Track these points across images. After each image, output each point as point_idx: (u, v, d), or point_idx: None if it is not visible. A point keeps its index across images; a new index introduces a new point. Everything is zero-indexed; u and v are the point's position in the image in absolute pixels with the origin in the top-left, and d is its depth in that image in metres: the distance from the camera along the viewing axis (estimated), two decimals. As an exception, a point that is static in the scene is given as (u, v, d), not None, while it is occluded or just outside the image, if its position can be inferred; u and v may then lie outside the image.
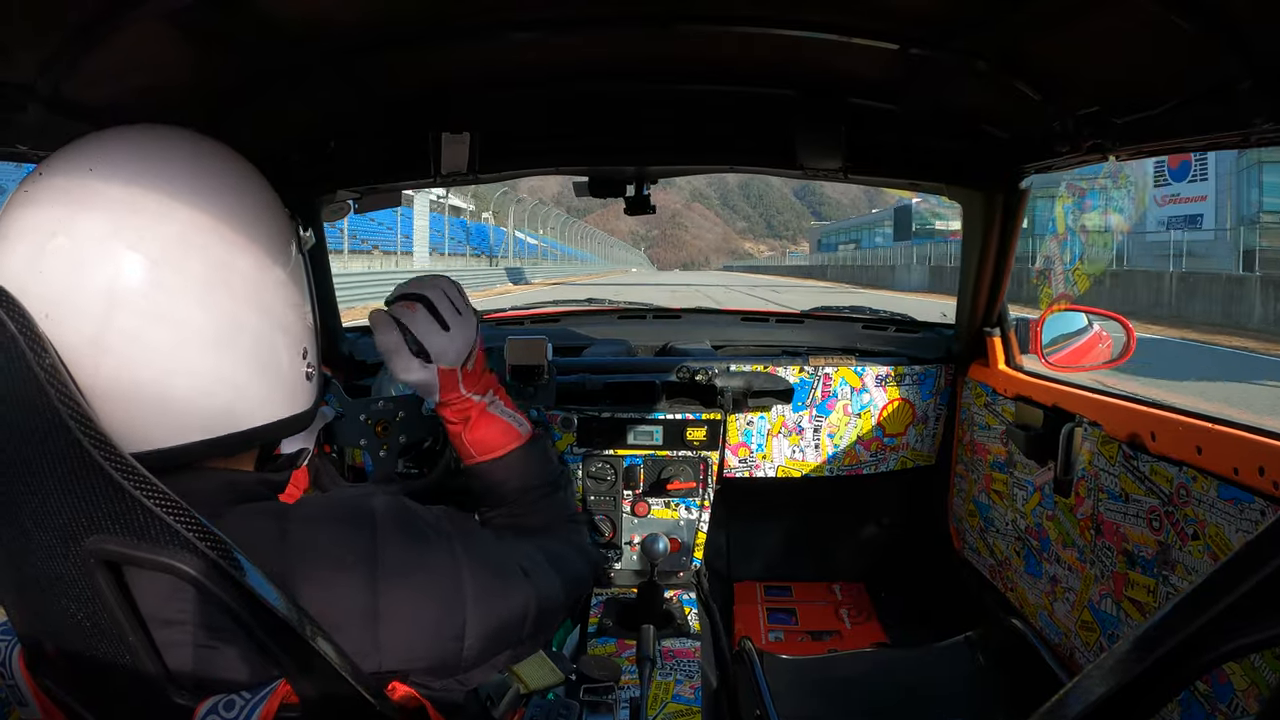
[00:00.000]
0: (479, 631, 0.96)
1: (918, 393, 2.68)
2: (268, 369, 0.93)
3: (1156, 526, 1.66)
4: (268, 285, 0.93)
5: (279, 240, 0.97)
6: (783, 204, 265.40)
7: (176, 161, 0.88)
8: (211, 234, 0.87)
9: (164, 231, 0.83)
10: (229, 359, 0.88)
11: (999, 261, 2.36)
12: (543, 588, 1.10)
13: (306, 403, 1.01)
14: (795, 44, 1.61)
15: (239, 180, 0.94)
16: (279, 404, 0.95)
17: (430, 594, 0.92)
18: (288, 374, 0.96)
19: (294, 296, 0.99)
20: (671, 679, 2.02)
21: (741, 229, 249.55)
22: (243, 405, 0.91)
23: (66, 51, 1.15)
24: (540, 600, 1.08)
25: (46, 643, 0.88)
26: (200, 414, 0.87)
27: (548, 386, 2.38)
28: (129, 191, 0.83)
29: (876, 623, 2.87)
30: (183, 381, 0.85)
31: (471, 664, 0.97)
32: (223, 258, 0.88)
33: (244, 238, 0.91)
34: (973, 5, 1.37)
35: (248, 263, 0.91)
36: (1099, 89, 1.56)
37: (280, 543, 0.86)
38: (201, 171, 0.90)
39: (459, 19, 1.52)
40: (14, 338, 0.75)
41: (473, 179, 2.06)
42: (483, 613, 0.96)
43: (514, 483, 1.34)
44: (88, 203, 0.82)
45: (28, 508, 0.80)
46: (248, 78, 1.51)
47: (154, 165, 0.86)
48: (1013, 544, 2.31)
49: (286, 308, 0.97)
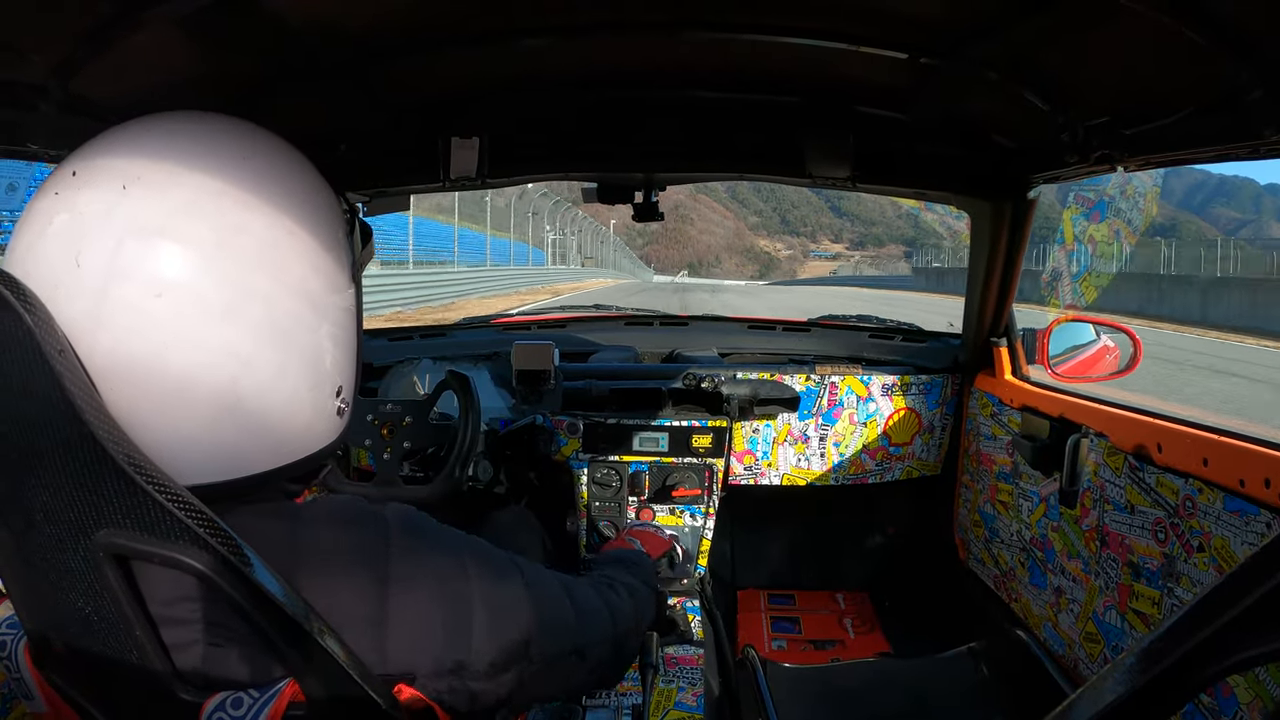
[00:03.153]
0: (486, 645, 0.94)
1: (924, 402, 2.68)
2: (294, 405, 0.91)
3: (1162, 538, 1.65)
4: (322, 316, 0.93)
5: (340, 266, 0.96)
6: (797, 197, 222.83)
7: (248, 160, 0.88)
8: (273, 249, 0.87)
9: (215, 236, 0.82)
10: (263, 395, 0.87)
11: (1006, 272, 2.36)
12: (553, 613, 1.08)
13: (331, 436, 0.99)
14: (804, 52, 1.61)
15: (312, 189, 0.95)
16: (304, 442, 0.94)
17: (437, 604, 0.91)
18: (320, 409, 0.95)
19: (346, 330, 0.98)
20: (674, 686, 2.02)
21: (754, 224, 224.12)
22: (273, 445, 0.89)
23: (78, 52, 1.15)
24: (551, 625, 1.06)
25: (53, 636, 0.88)
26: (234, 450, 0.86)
27: (554, 392, 2.38)
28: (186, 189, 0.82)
29: (880, 632, 2.86)
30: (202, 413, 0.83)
31: (480, 676, 0.95)
32: (282, 278, 0.87)
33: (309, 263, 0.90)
34: (982, 15, 1.37)
35: (315, 285, 0.91)
36: (1108, 99, 1.55)
37: (289, 543, 0.86)
38: (281, 179, 0.90)
39: (472, 24, 1.52)
40: (30, 331, 0.75)
41: (481, 184, 2.07)
42: (490, 627, 0.95)
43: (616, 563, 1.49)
44: (130, 196, 0.80)
45: (38, 500, 0.80)
46: (261, 80, 1.51)
47: (214, 162, 0.85)
48: (1018, 555, 2.30)
49: (335, 345, 0.96)
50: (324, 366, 0.93)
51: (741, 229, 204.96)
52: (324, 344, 0.93)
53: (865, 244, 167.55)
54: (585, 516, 2.56)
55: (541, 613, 1.04)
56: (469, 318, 3.41)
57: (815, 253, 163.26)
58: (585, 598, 1.17)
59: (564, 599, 1.11)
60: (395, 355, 2.65)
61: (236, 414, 0.84)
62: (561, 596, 1.11)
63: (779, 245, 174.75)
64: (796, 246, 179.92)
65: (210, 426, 0.83)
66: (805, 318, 3.19)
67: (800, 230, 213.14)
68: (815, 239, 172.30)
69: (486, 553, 1.03)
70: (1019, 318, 2.52)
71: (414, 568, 0.90)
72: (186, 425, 0.82)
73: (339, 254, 0.96)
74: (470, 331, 3.06)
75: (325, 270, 0.93)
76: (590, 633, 1.14)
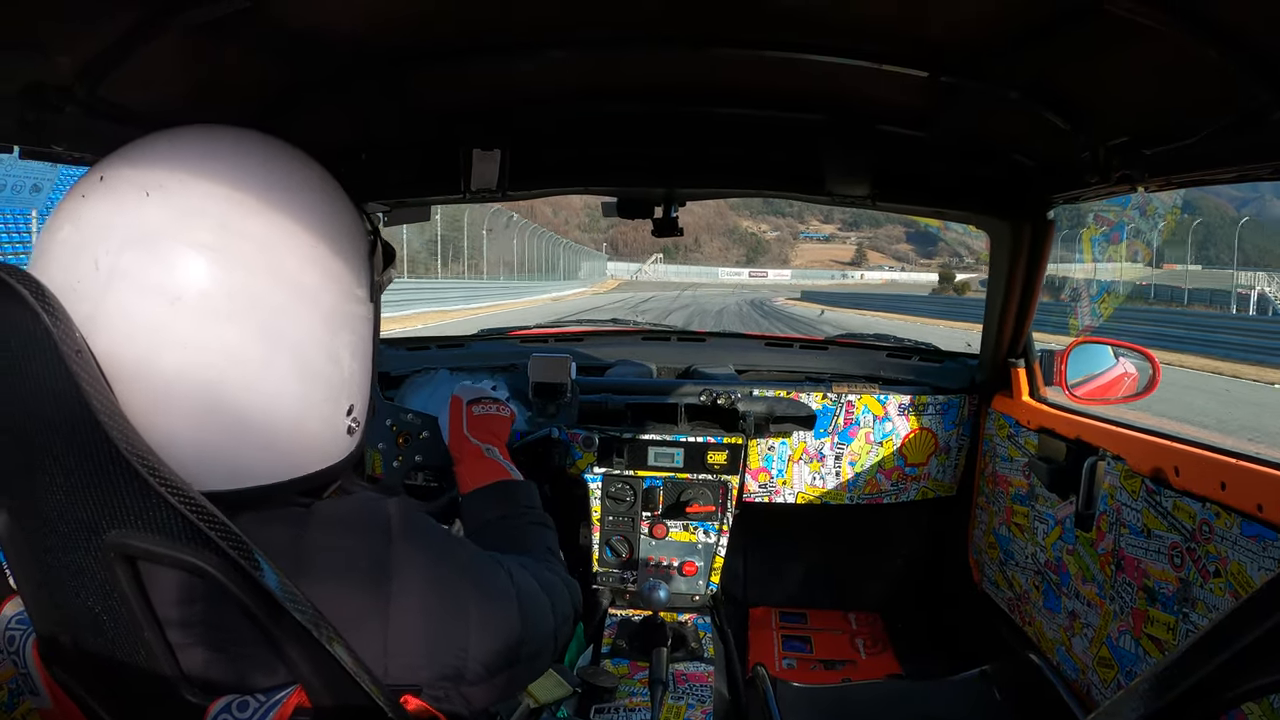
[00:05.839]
0: (483, 645, 0.96)
1: (940, 422, 2.67)
2: (301, 421, 0.92)
3: (1178, 563, 1.64)
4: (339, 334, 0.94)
5: (357, 286, 0.98)
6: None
7: (279, 181, 0.90)
8: (291, 258, 0.88)
9: (232, 248, 0.83)
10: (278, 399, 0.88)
11: (1025, 292, 2.35)
12: (535, 610, 1.09)
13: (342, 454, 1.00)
14: (826, 70, 1.61)
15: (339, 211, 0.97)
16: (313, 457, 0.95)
17: (438, 604, 0.92)
18: (329, 426, 0.96)
19: (360, 349, 1.00)
20: (683, 703, 2.01)
21: (734, 204, 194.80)
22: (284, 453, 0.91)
23: (105, 56, 1.17)
24: (533, 622, 1.07)
25: (61, 634, 0.88)
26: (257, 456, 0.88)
27: (570, 405, 2.39)
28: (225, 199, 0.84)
29: (892, 654, 2.84)
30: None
31: (475, 680, 0.96)
32: (299, 291, 0.89)
33: (324, 274, 0.92)
34: (1003, 34, 1.37)
35: (330, 301, 0.92)
36: (1129, 119, 1.55)
37: (295, 545, 0.86)
38: (315, 193, 0.93)
39: (497, 36, 1.53)
40: (48, 331, 0.76)
41: (501, 196, 2.07)
42: (488, 628, 0.97)
43: (494, 511, 1.42)
44: (159, 205, 0.82)
45: (51, 499, 0.81)
46: (285, 88, 1.53)
47: (244, 179, 0.87)
48: (1032, 578, 2.28)
49: (348, 363, 0.97)
50: (335, 384, 0.94)
51: (721, 208, 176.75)
52: (336, 362, 0.94)
53: (860, 224, 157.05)
54: (599, 530, 2.56)
55: (525, 610, 1.06)
56: (487, 329, 3.42)
57: (805, 234, 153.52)
58: (547, 581, 1.19)
59: (538, 589, 1.13)
60: (412, 365, 2.66)
61: (243, 426, 0.85)
62: (536, 589, 1.12)
63: (764, 226, 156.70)
64: (784, 228, 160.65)
65: (217, 436, 0.84)
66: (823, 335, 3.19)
67: (785, 210, 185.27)
68: (803, 220, 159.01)
69: (480, 559, 1.05)
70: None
71: (414, 568, 0.91)
72: (193, 432, 0.83)
73: (357, 274, 0.98)
74: (488, 343, 3.08)
75: (342, 289, 0.94)
76: (558, 612, 1.17)
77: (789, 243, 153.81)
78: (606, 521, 2.55)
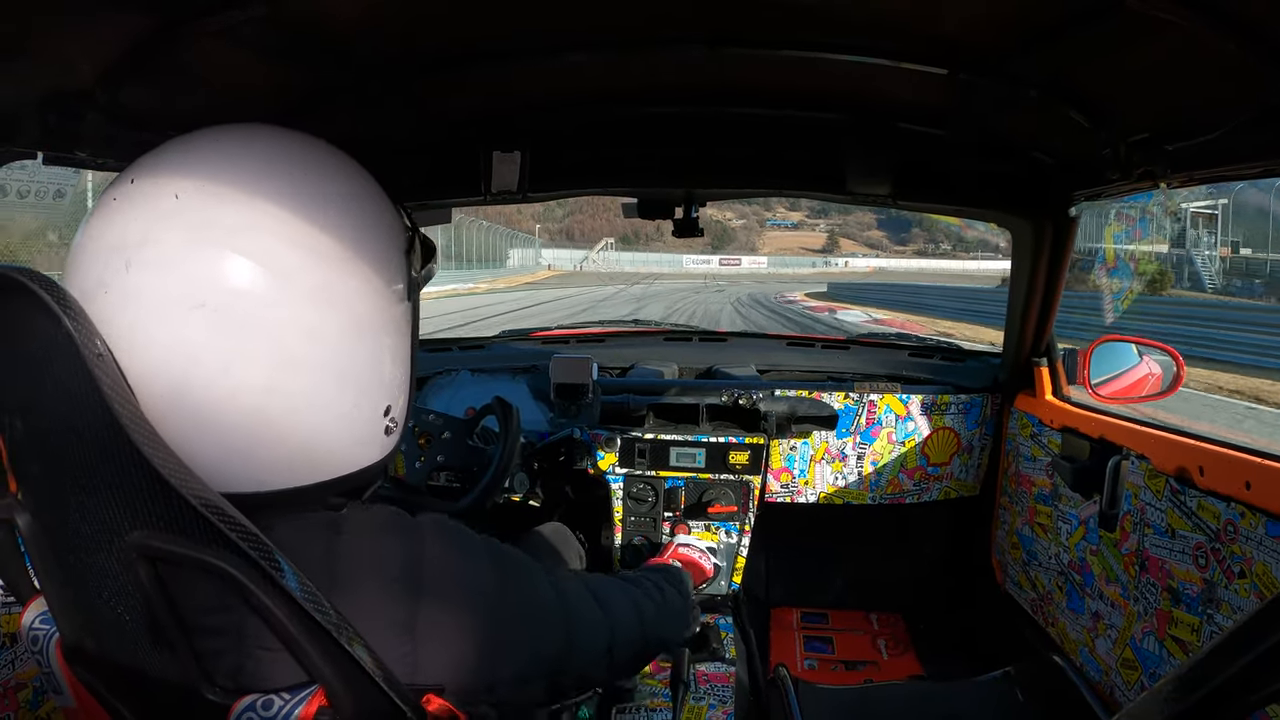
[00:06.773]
0: (516, 656, 0.95)
1: (963, 422, 2.66)
2: (337, 422, 0.91)
3: (1203, 563, 1.63)
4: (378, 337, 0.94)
5: (395, 283, 0.96)
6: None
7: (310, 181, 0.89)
8: (328, 262, 0.87)
9: (265, 249, 0.83)
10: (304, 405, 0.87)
11: (1048, 291, 2.34)
12: (584, 627, 1.08)
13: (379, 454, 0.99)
14: (845, 68, 1.61)
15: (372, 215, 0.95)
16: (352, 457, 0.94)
17: (470, 614, 0.91)
18: (366, 426, 0.95)
19: (398, 348, 0.99)
20: (704, 703, 2.01)
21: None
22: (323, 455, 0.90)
23: (126, 62, 1.18)
24: (580, 637, 1.06)
25: (85, 634, 0.89)
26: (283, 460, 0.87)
27: (592, 405, 2.39)
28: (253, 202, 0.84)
29: (914, 655, 2.83)
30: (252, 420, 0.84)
31: (506, 687, 0.94)
32: (335, 292, 0.87)
33: (360, 271, 0.90)
34: (1022, 31, 1.36)
35: (363, 306, 0.91)
36: (1150, 115, 1.54)
37: (327, 553, 0.86)
38: (346, 201, 0.91)
39: (519, 39, 1.54)
40: (69, 335, 0.76)
41: (522, 197, 2.08)
42: (521, 638, 0.96)
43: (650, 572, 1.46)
44: (179, 212, 0.81)
45: (74, 500, 0.82)
46: (307, 93, 1.54)
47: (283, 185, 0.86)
48: (1055, 578, 2.27)
49: (386, 363, 0.96)
50: (372, 386, 0.93)
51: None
52: (373, 363, 0.93)
53: (829, 212, 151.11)
54: (620, 531, 2.56)
55: (571, 620, 1.04)
56: (507, 330, 3.44)
57: (773, 221, 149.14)
58: (610, 596, 1.17)
59: (590, 600, 1.11)
60: (434, 366, 2.68)
61: (274, 428, 0.85)
62: (588, 597, 1.11)
63: (729, 214, 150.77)
64: (750, 215, 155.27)
65: (246, 438, 0.84)
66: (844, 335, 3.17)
67: (750, 198, 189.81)
68: (769, 207, 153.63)
69: (517, 565, 1.02)
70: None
71: (446, 583, 0.90)
72: (221, 435, 0.83)
73: (395, 271, 0.96)
74: (509, 344, 3.09)
75: (378, 287, 0.92)
76: (619, 631, 1.15)
77: (755, 230, 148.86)
78: (628, 522, 2.55)
